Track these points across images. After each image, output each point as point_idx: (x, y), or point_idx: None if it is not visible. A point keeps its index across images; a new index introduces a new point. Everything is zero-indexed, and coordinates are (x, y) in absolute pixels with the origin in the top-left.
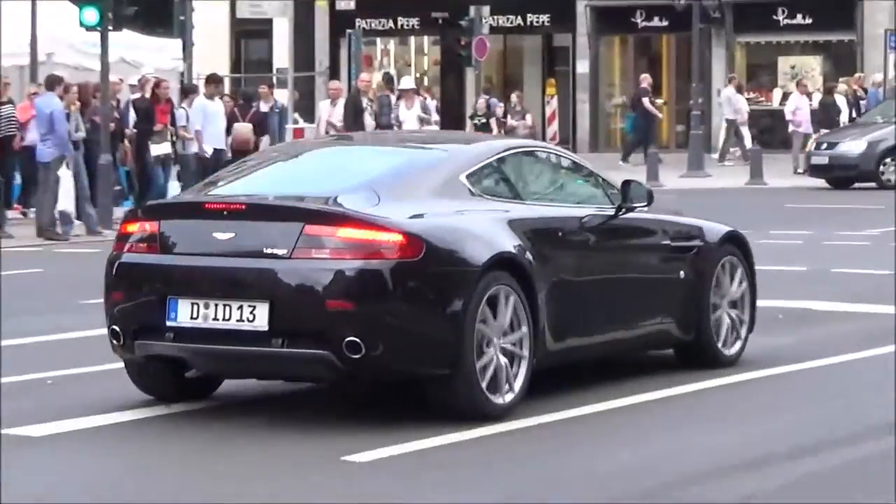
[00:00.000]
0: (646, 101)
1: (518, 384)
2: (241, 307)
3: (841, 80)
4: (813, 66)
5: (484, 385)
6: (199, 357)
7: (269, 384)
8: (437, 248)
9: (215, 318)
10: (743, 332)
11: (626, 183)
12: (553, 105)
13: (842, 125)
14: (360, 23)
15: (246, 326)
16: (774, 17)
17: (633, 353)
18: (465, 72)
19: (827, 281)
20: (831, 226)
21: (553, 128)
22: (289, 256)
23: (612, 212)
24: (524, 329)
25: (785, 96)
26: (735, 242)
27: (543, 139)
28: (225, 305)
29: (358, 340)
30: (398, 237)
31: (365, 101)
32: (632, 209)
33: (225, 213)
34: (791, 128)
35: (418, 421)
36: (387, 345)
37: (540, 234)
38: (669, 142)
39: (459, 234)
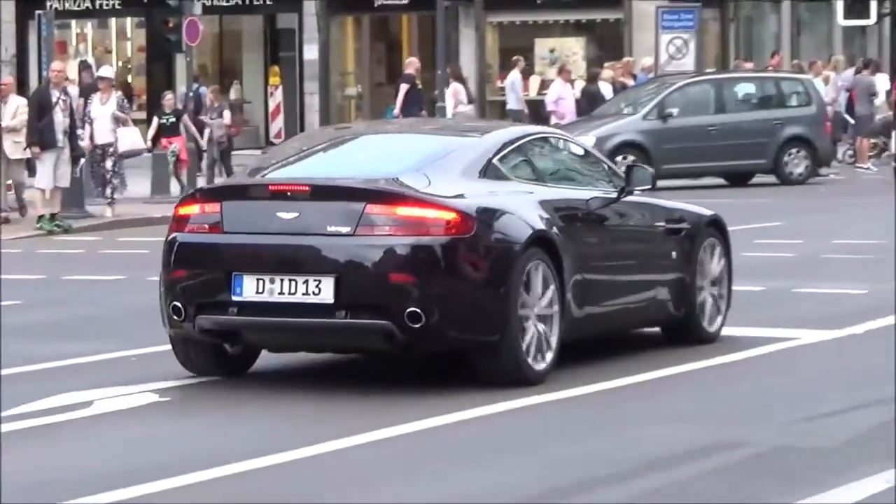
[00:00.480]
0: (403, 89)
1: (551, 353)
2: (306, 281)
3: (606, 64)
4: (575, 49)
5: (525, 351)
6: (261, 330)
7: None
8: (486, 225)
9: (281, 293)
10: (723, 308)
11: (630, 168)
12: (277, 97)
13: None
14: (52, 2)
15: (311, 299)
16: None
17: (637, 326)
18: (174, 59)
19: None
20: None
21: (278, 123)
22: (352, 234)
23: (615, 194)
24: (555, 300)
25: (544, 84)
26: (716, 226)
27: (266, 137)
28: (291, 280)
29: (419, 311)
30: (453, 215)
31: (56, 96)
32: (632, 192)
33: (289, 194)
34: (554, 120)
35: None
36: (443, 315)
37: (562, 214)
38: None
39: (503, 213)
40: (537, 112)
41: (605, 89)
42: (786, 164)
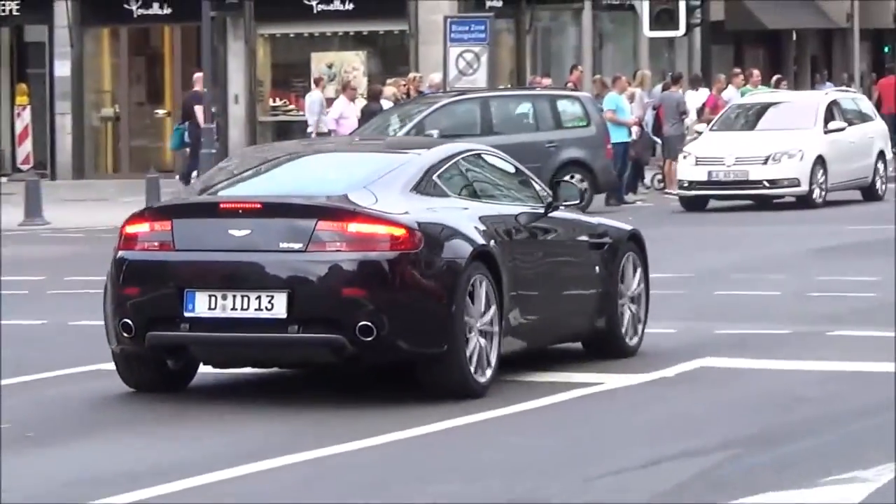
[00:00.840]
0: (199, 109)
1: (490, 369)
2: (258, 297)
3: (389, 81)
4: (355, 63)
5: (470, 365)
6: (212, 346)
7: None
8: (432, 240)
9: (234, 308)
10: (640, 327)
11: (557, 183)
12: (25, 118)
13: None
14: None
15: (265, 315)
16: (307, 1)
17: (564, 340)
18: None
19: None
20: None
21: (25, 147)
22: (304, 250)
23: (542, 210)
24: (494, 312)
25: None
26: (635, 240)
27: (13, 162)
28: (243, 296)
29: (370, 324)
30: (402, 231)
31: None
32: (558, 207)
33: (240, 211)
34: None
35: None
36: (393, 328)
37: (497, 229)
38: (176, 163)
39: (446, 228)
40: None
41: (388, 107)
42: None
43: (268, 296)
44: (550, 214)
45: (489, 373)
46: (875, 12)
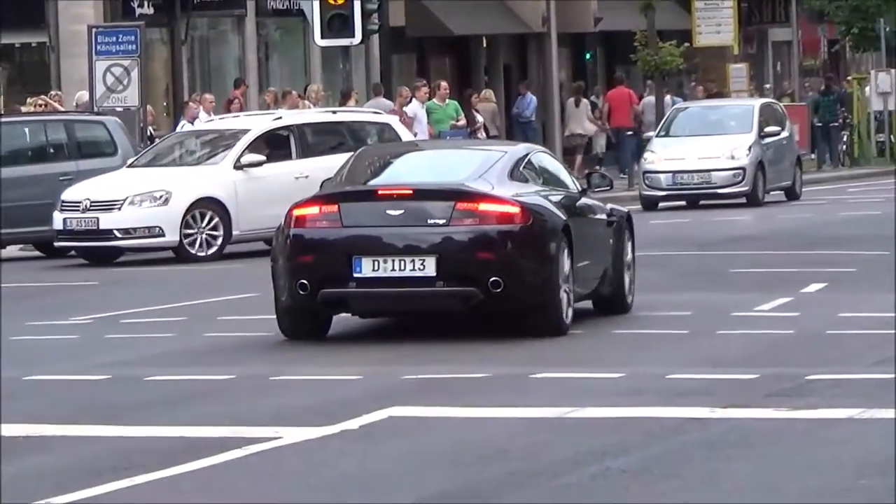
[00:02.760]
0: None
1: (570, 312)
2: (413, 261)
3: (28, 100)
4: None
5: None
6: (376, 299)
7: None
8: (536, 216)
9: (393, 269)
10: (633, 289)
11: (590, 173)
12: None
13: None
14: None
15: (418, 274)
16: None
17: (586, 298)
18: None
19: None
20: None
21: None
22: (447, 224)
23: (578, 193)
24: (570, 272)
25: None
26: (629, 220)
27: None
28: (401, 260)
29: (499, 279)
30: (517, 209)
31: None
32: (587, 193)
33: (395, 196)
34: None
35: None
36: (514, 283)
37: (566, 208)
38: None
39: (543, 207)
40: None
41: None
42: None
43: (420, 259)
44: (582, 199)
45: (569, 319)
46: (574, 16)
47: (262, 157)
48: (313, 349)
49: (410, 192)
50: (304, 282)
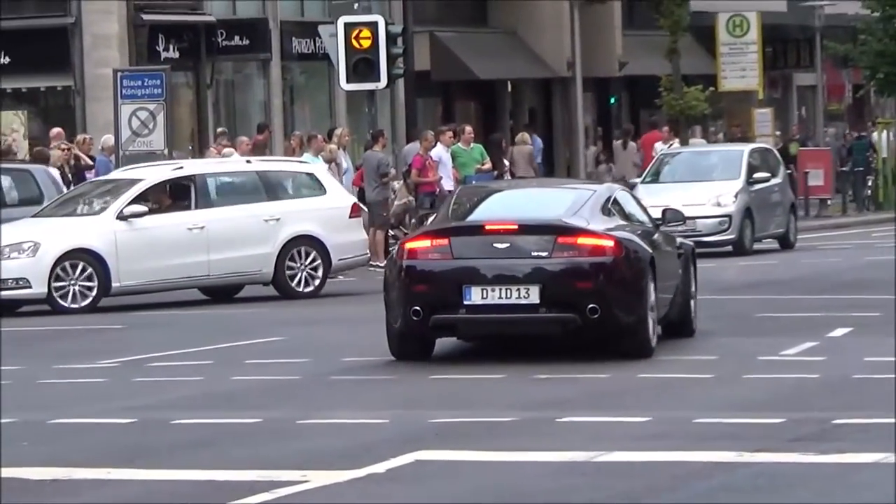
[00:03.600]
0: None
1: (655, 335)
2: (518, 289)
3: (52, 144)
4: (14, 124)
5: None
6: (481, 324)
7: None
8: (628, 249)
9: (500, 297)
10: (697, 315)
11: (665, 210)
12: None
13: None
14: None
15: (523, 301)
16: None
17: (659, 322)
18: None
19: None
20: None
21: None
22: (549, 256)
23: (652, 227)
24: (653, 299)
25: None
26: (693, 253)
27: None
28: (507, 289)
29: (596, 306)
30: (611, 242)
31: None
32: (659, 227)
33: (501, 231)
34: None
35: None
36: (609, 308)
37: (650, 241)
38: None
39: (632, 241)
40: None
41: (54, 175)
42: None
43: (525, 288)
44: (656, 232)
45: (654, 341)
46: (599, 60)
47: (145, 209)
48: (340, 391)
49: (515, 227)
50: (418, 308)
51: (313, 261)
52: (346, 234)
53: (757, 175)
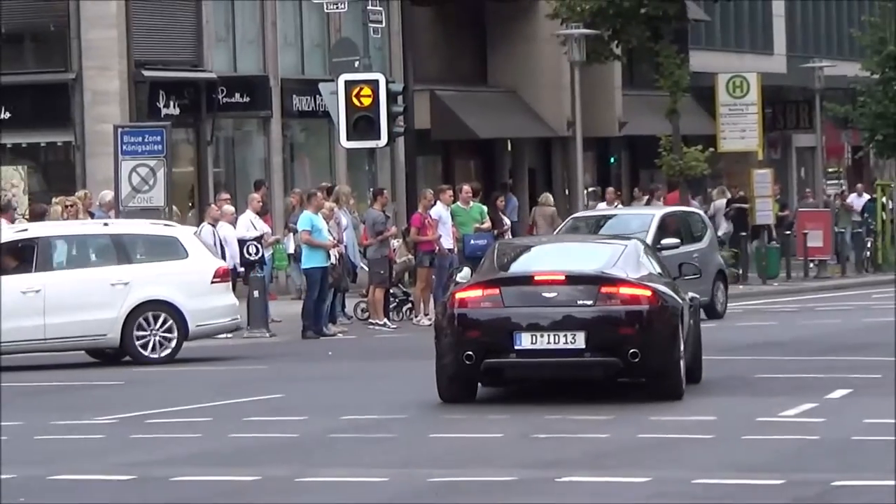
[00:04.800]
0: None
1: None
2: (566, 335)
3: (55, 200)
4: (14, 179)
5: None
6: (533, 367)
7: None
8: (664, 298)
9: (548, 343)
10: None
11: (682, 264)
12: None
13: None
14: None
15: (570, 346)
16: None
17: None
18: None
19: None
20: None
21: None
22: (594, 305)
23: (672, 280)
24: (682, 346)
25: None
26: (700, 305)
27: None
28: (554, 335)
29: (637, 351)
30: (650, 292)
31: None
32: (676, 280)
33: (549, 281)
34: None
35: None
36: (648, 353)
37: (675, 290)
38: None
39: (665, 292)
40: None
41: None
42: None
43: (572, 334)
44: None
45: (683, 384)
46: (599, 120)
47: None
48: (340, 449)
49: (562, 277)
50: (470, 353)
51: (165, 326)
52: (206, 298)
53: (665, 241)
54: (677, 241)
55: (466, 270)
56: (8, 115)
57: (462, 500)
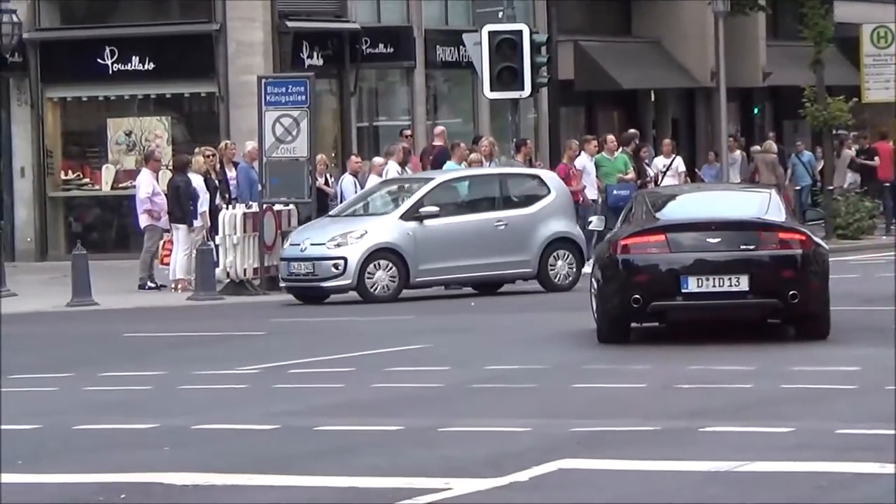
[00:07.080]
0: None
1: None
2: (730, 279)
3: (196, 150)
4: (158, 130)
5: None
6: (699, 310)
7: None
8: (816, 242)
9: (714, 286)
10: None
11: (805, 210)
12: None
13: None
14: None
15: (734, 289)
16: (100, 59)
17: None
18: None
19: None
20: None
21: None
22: (756, 249)
23: None
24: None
25: (121, 176)
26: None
27: None
28: (720, 278)
29: (796, 292)
30: (805, 236)
31: None
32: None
33: (713, 227)
34: (147, 221)
35: None
36: (806, 295)
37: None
38: None
39: (813, 234)
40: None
41: (196, 181)
42: None
43: (736, 277)
44: None
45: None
46: (743, 70)
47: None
48: (482, 399)
49: (725, 223)
50: (638, 296)
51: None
52: None
53: (424, 210)
54: (436, 209)
55: (597, 219)
56: (152, 65)
57: (604, 450)
